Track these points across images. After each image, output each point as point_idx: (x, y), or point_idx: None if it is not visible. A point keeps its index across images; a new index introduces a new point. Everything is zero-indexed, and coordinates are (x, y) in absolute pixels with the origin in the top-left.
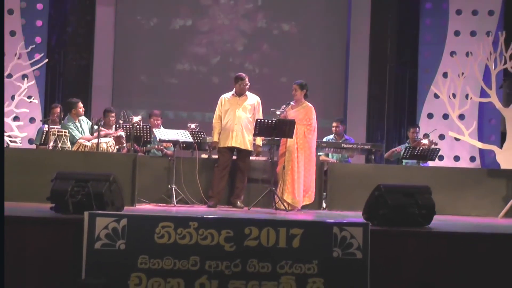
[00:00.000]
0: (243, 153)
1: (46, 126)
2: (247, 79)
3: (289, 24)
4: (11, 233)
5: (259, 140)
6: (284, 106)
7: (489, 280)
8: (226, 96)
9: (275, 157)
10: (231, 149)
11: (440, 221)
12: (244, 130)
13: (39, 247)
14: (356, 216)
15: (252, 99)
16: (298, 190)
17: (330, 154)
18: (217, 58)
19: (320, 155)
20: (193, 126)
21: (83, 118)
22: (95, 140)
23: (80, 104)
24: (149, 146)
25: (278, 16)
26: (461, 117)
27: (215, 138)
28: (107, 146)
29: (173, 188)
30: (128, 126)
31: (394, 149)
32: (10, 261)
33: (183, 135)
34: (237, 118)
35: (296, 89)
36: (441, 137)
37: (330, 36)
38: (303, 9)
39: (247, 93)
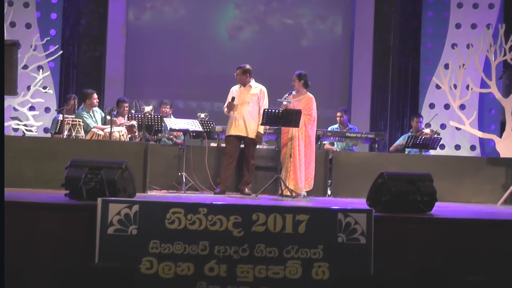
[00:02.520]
0: (247, 141)
1: (61, 115)
2: (238, 70)
3: (294, 15)
4: (27, 219)
5: (262, 128)
6: (287, 95)
7: (489, 265)
8: (235, 87)
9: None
10: (238, 138)
11: (441, 208)
12: (246, 119)
13: (54, 233)
14: (360, 202)
15: (256, 88)
16: (300, 177)
17: (335, 143)
18: (226, 49)
19: (324, 144)
20: (202, 115)
21: (96, 108)
22: (108, 129)
23: (95, 96)
24: (160, 135)
25: (284, 7)
26: (462, 107)
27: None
28: (120, 135)
29: (183, 176)
30: (139, 115)
31: (397, 144)
32: (25, 247)
33: (193, 124)
34: (239, 107)
35: (294, 80)
36: (442, 126)
37: (335, 28)
38: (309, 0)
39: (252, 83)
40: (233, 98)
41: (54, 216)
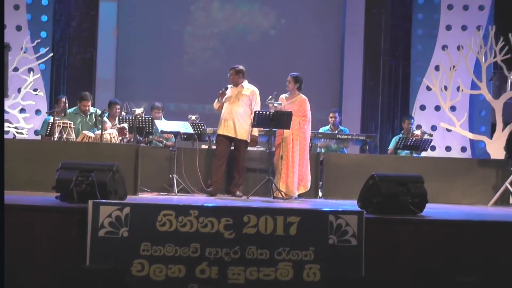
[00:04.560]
0: (237, 143)
1: (52, 117)
2: (231, 71)
3: (286, 17)
4: (18, 222)
5: (256, 131)
6: (271, 97)
7: (480, 266)
8: (229, 87)
9: (273, 147)
10: (229, 139)
11: (432, 209)
12: (235, 120)
13: (45, 235)
14: (351, 204)
15: (247, 90)
16: (291, 179)
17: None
18: (217, 51)
19: (317, 144)
20: (193, 117)
21: (95, 110)
22: (99, 131)
23: (85, 103)
24: (150, 137)
25: (275, 9)
26: (453, 108)
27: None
28: (111, 137)
29: (174, 178)
30: (130, 118)
31: (390, 149)
32: (17, 250)
33: (184, 127)
34: (229, 107)
35: (290, 81)
36: (433, 128)
37: (326, 30)
38: (300, 2)
39: (245, 84)
40: (226, 87)
41: (45, 218)
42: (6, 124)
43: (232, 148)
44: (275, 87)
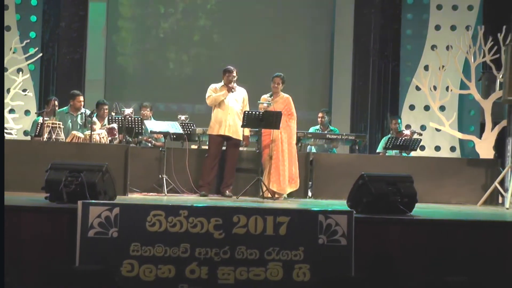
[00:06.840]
0: (234, 142)
1: (41, 118)
2: (234, 72)
3: (275, 17)
4: (7, 222)
5: (247, 131)
6: (268, 97)
7: (469, 266)
8: (217, 85)
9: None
10: (223, 138)
11: (422, 209)
12: (234, 120)
13: (34, 236)
14: (341, 204)
15: (241, 91)
16: (283, 178)
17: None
18: (206, 51)
19: (308, 144)
20: (183, 118)
21: (87, 112)
22: (88, 132)
23: (80, 98)
24: (140, 137)
25: (265, 9)
26: (442, 108)
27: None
28: (100, 138)
29: (164, 178)
30: (120, 118)
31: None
32: (6, 250)
33: (173, 127)
34: (230, 108)
35: (278, 83)
36: (423, 128)
37: (316, 29)
38: (289, 2)
39: (235, 85)
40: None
41: (34, 219)
42: None
43: (223, 148)
44: (264, 87)
